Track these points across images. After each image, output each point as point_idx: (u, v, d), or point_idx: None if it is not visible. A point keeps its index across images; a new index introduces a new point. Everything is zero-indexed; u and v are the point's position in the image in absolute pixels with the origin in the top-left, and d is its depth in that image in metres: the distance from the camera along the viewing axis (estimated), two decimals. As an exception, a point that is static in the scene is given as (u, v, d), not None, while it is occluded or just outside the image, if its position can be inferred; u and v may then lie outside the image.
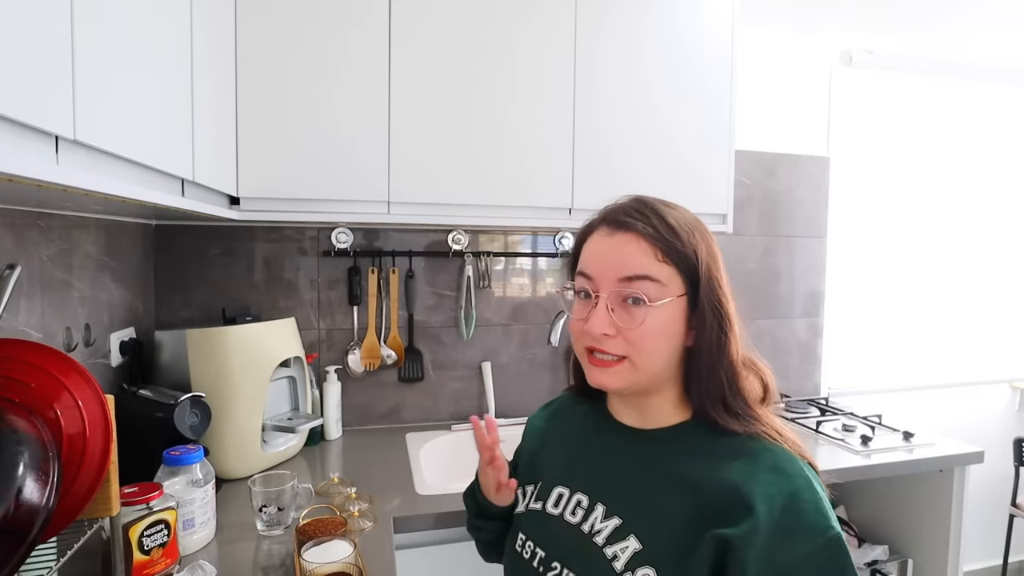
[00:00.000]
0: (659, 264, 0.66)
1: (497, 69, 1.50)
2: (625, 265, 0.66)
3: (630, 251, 0.67)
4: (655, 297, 0.65)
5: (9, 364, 0.75)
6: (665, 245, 0.66)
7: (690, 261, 0.67)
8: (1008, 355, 2.54)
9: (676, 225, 0.68)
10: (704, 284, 0.66)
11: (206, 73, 1.12)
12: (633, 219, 0.68)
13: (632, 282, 0.66)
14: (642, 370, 0.67)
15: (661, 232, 0.67)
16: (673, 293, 0.66)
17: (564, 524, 0.71)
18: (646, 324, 0.65)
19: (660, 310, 0.65)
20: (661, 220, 0.68)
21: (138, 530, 0.92)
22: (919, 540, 1.71)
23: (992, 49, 2.36)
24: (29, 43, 0.54)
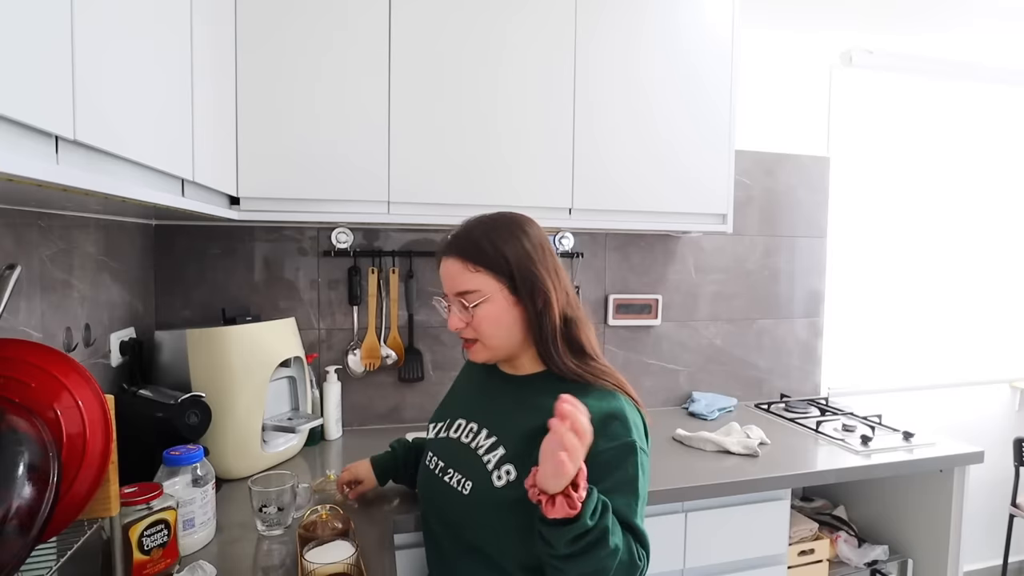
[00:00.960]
0: (471, 275, 0.93)
1: (497, 69, 1.50)
2: (452, 282, 0.96)
3: (452, 271, 0.96)
4: (473, 300, 0.93)
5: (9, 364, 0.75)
6: (474, 259, 0.93)
7: (499, 263, 0.93)
8: (1008, 355, 2.54)
9: (480, 239, 0.94)
10: (517, 275, 0.92)
11: (206, 73, 1.12)
12: (450, 245, 0.96)
13: (457, 295, 0.95)
14: (491, 346, 0.96)
15: (468, 250, 0.94)
16: (490, 291, 0.93)
17: (458, 443, 0.99)
18: (477, 317, 0.94)
19: (483, 306, 0.93)
20: (468, 240, 0.95)
21: (138, 530, 0.92)
22: (919, 540, 1.71)
23: (992, 49, 2.37)
24: (29, 43, 0.54)
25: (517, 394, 0.98)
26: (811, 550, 1.64)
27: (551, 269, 0.95)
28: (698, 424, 1.84)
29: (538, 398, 0.92)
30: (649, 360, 2.04)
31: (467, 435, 0.99)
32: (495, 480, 0.91)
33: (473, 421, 1.01)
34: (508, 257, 0.93)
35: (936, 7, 2.22)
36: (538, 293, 0.92)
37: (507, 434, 0.94)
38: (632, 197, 1.63)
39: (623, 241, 1.98)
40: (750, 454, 1.56)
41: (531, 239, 0.96)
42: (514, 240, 0.94)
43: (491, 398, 1.03)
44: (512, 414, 0.95)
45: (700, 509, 1.41)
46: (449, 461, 1.00)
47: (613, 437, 0.86)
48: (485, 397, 1.04)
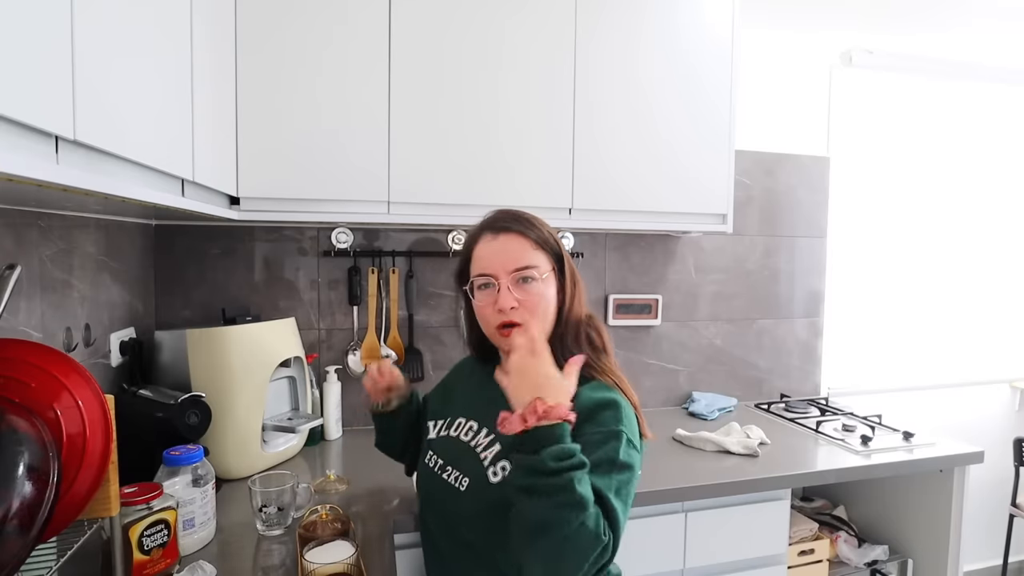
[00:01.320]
0: (535, 252, 0.96)
1: (497, 69, 1.50)
2: (511, 257, 0.95)
3: (513, 246, 0.95)
4: (534, 275, 0.94)
5: (9, 364, 0.75)
6: (536, 239, 0.96)
7: (551, 247, 0.97)
8: (1008, 355, 2.54)
9: (537, 224, 0.98)
10: (565, 260, 0.98)
11: (206, 73, 1.12)
12: (508, 224, 0.97)
13: (521, 269, 0.94)
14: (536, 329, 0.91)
15: (529, 230, 0.96)
16: (547, 270, 0.96)
17: (458, 441, 1.00)
18: (533, 295, 0.94)
19: (543, 282, 0.95)
20: (527, 222, 0.98)
21: (138, 530, 0.92)
22: (919, 540, 1.71)
23: (992, 49, 2.37)
24: (29, 43, 0.54)
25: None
26: (811, 550, 1.64)
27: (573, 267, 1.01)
28: (698, 424, 1.84)
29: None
30: (649, 360, 2.04)
31: (466, 433, 1.00)
32: (491, 476, 0.91)
33: (473, 419, 1.01)
34: (556, 246, 0.98)
35: (936, 7, 2.22)
36: (570, 285, 0.97)
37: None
38: (632, 197, 1.63)
39: (623, 241, 1.98)
40: (750, 454, 1.56)
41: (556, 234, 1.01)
42: (551, 230, 1.00)
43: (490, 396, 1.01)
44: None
45: (700, 509, 1.41)
46: (448, 459, 1.00)
47: (601, 423, 0.86)
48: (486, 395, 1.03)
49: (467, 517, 0.94)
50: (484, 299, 0.96)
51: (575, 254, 1.91)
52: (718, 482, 1.40)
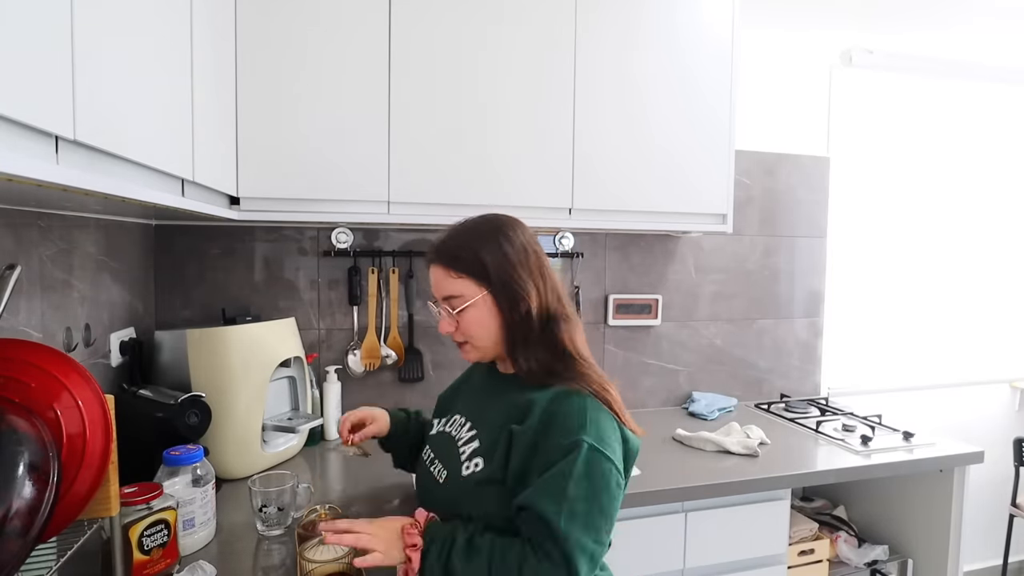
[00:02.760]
0: (453, 281, 0.95)
1: (497, 70, 1.50)
2: (437, 289, 0.98)
3: (436, 279, 0.98)
4: (456, 306, 0.95)
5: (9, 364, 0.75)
6: (453, 265, 0.95)
7: (479, 269, 0.94)
8: (1008, 355, 2.54)
9: (461, 247, 0.96)
10: (496, 282, 0.93)
11: (206, 73, 1.12)
12: (432, 254, 0.98)
13: (444, 300, 0.97)
14: (480, 347, 0.98)
15: (447, 258, 0.96)
16: (471, 296, 0.94)
17: (447, 436, 1.02)
18: (463, 322, 0.96)
19: (467, 310, 0.95)
20: (449, 247, 0.96)
21: (138, 530, 0.92)
22: (919, 540, 1.71)
23: (992, 48, 2.37)
24: (29, 43, 0.54)
25: (497, 389, 1.01)
26: (811, 550, 1.64)
27: (534, 270, 0.96)
28: (698, 424, 1.84)
29: (509, 394, 0.95)
30: (649, 360, 2.04)
31: (456, 428, 1.02)
32: (463, 470, 0.93)
33: (464, 415, 1.04)
34: (487, 264, 0.94)
35: (936, 6, 2.22)
36: (519, 299, 0.93)
37: (483, 427, 0.96)
38: (632, 197, 1.63)
39: (623, 241, 1.98)
40: (750, 454, 1.56)
41: (513, 243, 0.96)
42: (494, 246, 0.95)
43: (480, 394, 1.06)
44: (490, 409, 0.98)
45: (700, 509, 1.41)
46: (437, 453, 1.03)
47: (559, 434, 0.84)
48: (479, 393, 1.07)
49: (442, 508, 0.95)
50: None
51: (575, 254, 1.91)
52: (718, 482, 1.40)
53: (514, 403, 0.92)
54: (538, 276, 0.96)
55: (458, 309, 0.95)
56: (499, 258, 0.94)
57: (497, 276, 0.94)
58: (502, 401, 0.96)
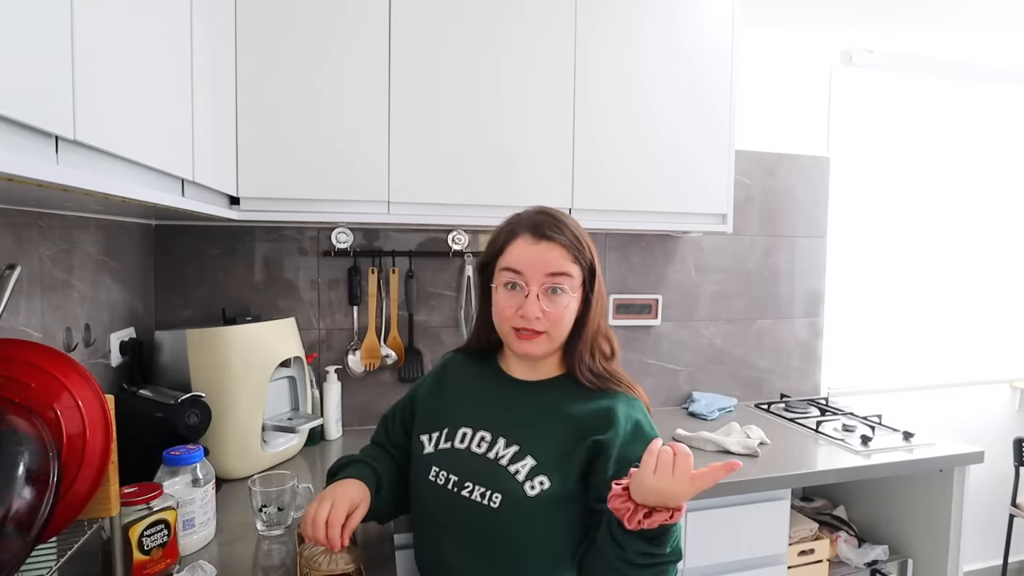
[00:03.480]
0: (571, 264, 0.93)
1: (498, 69, 1.50)
2: (550, 265, 0.92)
3: (553, 255, 0.93)
4: (571, 288, 0.93)
5: (9, 364, 0.75)
6: (575, 251, 0.94)
7: (587, 262, 0.95)
8: (1008, 355, 2.54)
9: (579, 235, 0.95)
10: (596, 278, 0.96)
11: (206, 73, 1.12)
12: (552, 232, 0.93)
13: (555, 277, 0.92)
14: (556, 340, 0.95)
15: (572, 242, 0.94)
16: (576, 287, 0.94)
17: (472, 454, 0.94)
18: (559, 306, 0.93)
19: (565, 297, 0.93)
20: (571, 232, 0.95)
21: (138, 530, 0.92)
22: (919, 540, 1.71)
23: (992, 48, 2.36)
24: (29, 43, 0.54)
25: (540, 402, 0.96)
26: (811, 550, 1.64)
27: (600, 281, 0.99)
28: (698, 424, 1.84)
29: (566, 407, 0.95)
30: (649, 360, 2.04)
31: (480, 445, 0.94)
32: (528, 490, 0.88)
33: (483, 430, 0.96)
34: (590, 258, 0.96)
35: (936, 6, 2.22)
36: (598, 298, 0.97)
37: (535, 444, 0.92)
38: (632, 197, 1.63)
39: (623, 241, 1.98)
40: (750, 454, 1.56)
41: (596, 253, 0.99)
42: (592, 245, 0.98)
43: (506, 406, 0.98)
44: (538, 424, 0.94)
45: (700, 509, 1.41)
46: (465, 474, 0.93)
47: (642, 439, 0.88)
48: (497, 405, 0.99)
49: (501, 534, 0.90)
50: (508, 299, 0.94)
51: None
52: (718, 482, 1.40)
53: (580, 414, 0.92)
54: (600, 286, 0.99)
55: (562, 289, 0.92)
56: (593, 256, 0.97)
57: (592, 275, 0.96)
58: (551, 414, 0.94)
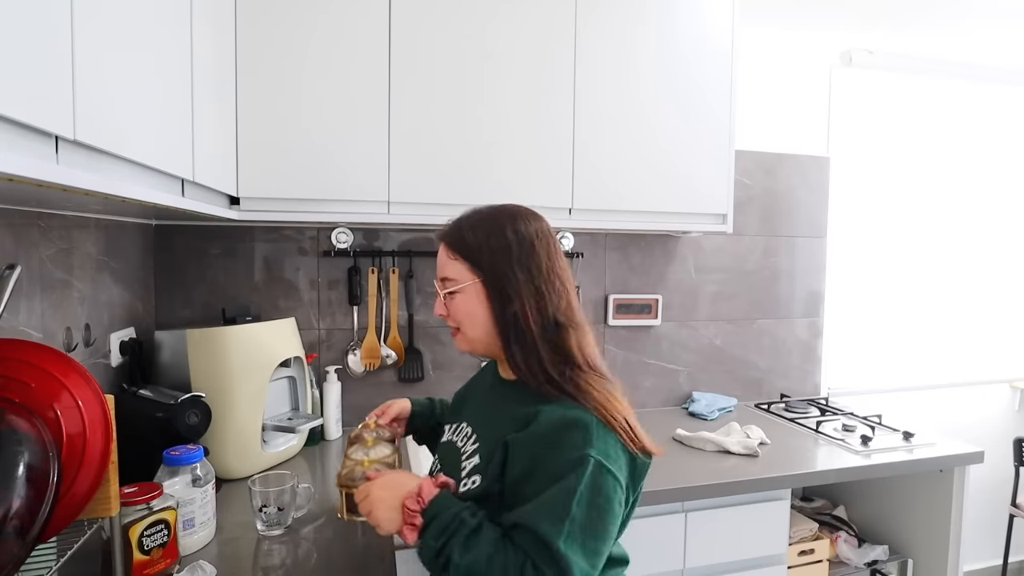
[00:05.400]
0: (451, 262, 0.91)
1: (498, 70, 1.50)
2: (439, 268, 0.94)
3: (440, 256, 0.94)
4: (448, 287, 0.92)
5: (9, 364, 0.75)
6: (453, 246, 0.91)
7: (476, 255, 0.89)
8: (1008, 355, 2.54)
9: (466, 228, 0.91)
10: (488, 271, 0.88)
11: (206, 73, 1.12)
12: (444, 235, 0.94)
13: (442, 282, 0.93)
14: (469, 338, 0.93)
15: (452, 236, 0.92)
16: (463, 281, 0.90)
17: (453, 446, 0.97)
18: (452, 306, 0.92)
19: (459, 295, 0.91)
20: (454, 227, 0.93)
21: (138, 530, 0.92)
22: (919, 540, 1.71)
23: (992, 49, 2.36)
24: (29, 43, 0.54)
25: (499, 400, 0.95)
26: (811, 550, 1.64)
27: (537, 270, 0.88)
28: (698, 424, 1.84)
29: (512, 408, 0.88)
30: (649, 360, 2.04)
31: (461, 439, 0.97)
32: (461, 486, 0.88)
33: (470, 424, 0.98)
34: (483, 251, 0.89)
35: (936, 6, 2.22)
36: (509, 296, 0.87)
37: (485, 441, 0.90)
38: (632, 197, 1.63)
39: (623, 241, 1.98)
40: (750, 454, 1.56)
41: (519, 234, 0.89)
42: (496, 234, 0.89)
43: (485, 403, 1.01)
44: (493, 420, 0.92)
45: (700, 509, 1.41)
46: (444, 462, 0.98)
47: (564, 449, 0.78)
48: (484, 402, 1.01)
49: None
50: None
51: (575, 254, 1.91)
52: (718, 482, 1.40)
53: (516, 415, 0.85)
54: (541, 277, 0.88)
55: (446, 291, 0.92)
56: (498, 249, 0.88)
57: (490, 266, 0.88)
58: (501, 413, 0.90)
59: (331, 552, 1.07)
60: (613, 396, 0.85)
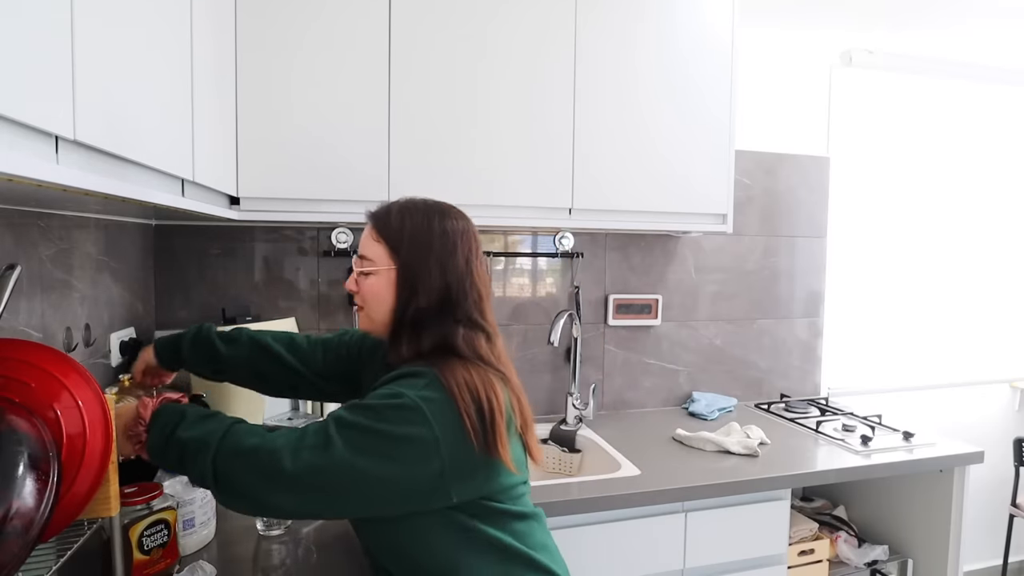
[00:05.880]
0: (373, 243, 0.91)
1: (498, 70, 1.50)
2: (360, 244, 0.93)
3: (364, 235, 0.93)
4: (364, 267, 0.91)
5: (9, 364, 0.75)
6: (379, 227, 0.91)
7: (397, 241, 0.89)
8: (1008, 355, 2.54)
9: (394, 212, 0.92)
10: (404, 259, 0.89)
11: (206, 73, 1.12)
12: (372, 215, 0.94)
13: (360, 260, 0.92)
14: (372, 319, 0.93)
15: (379, 218, 0.92)
16: (381, 265, 0.90)
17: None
18: (364, 286, 0.92)
19: (372, 277, 0.91)
20: (385, 209, 0.93)
21: (138, 530, 0.92)
22: (919, 540, 1.71)
23: (992, 49, 2.37)
24: (29, 43, 0.54)
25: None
26: (811, 550, 1.64)
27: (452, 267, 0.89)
28: (698, 424, 1.84)
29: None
30: (649, 360, 2.04)
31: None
32: None
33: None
34: (404, 239, 0.89)
35: (936, 6, 2.22)
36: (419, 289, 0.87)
37: None
38: (632, 197, 1.63)
39: (623, 241, 1.98)
40: (750, 454, 1.56)
41: (444, 231, 0.90)
42: (422, 226, 0.90)
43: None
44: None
45: (700, 509, 1.41)
46: None
47: (395, 386, 0.81)
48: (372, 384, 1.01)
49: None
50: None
51: (575, 254, 1.91)
52: (718, 482, 1.40)
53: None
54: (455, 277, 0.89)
55: (361, 270, 0.92)
56: (420, 241, 0.89)
57: (408, 256, 0.89)
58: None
59: (331, 552, 1.07)
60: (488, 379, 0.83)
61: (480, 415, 0.80)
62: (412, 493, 0.78)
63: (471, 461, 0.80)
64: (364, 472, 0.75)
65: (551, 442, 1.73)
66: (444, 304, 0.88)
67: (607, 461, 1.56)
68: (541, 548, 0.90)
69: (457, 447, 0.78)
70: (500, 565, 0.85)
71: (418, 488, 0.78)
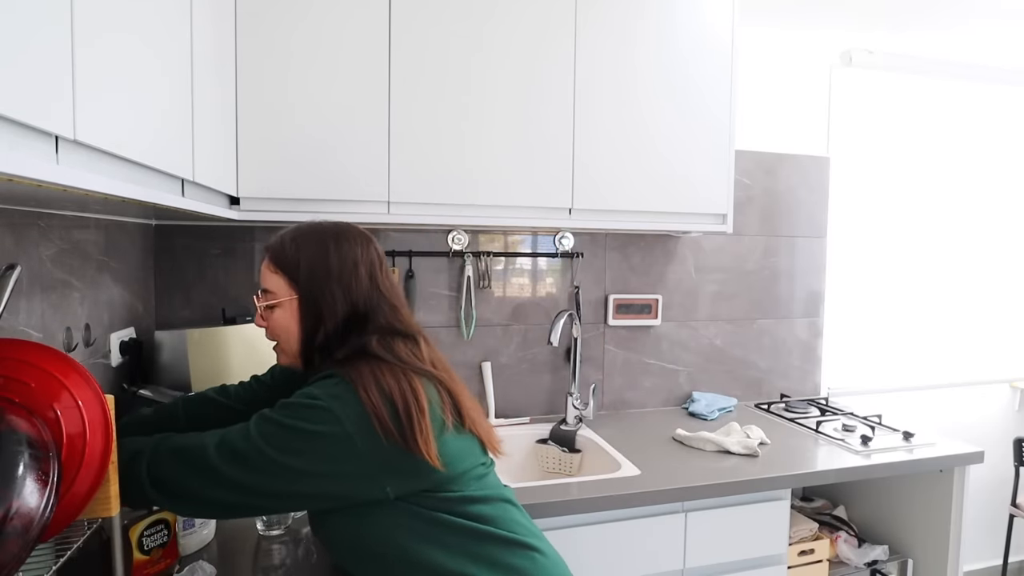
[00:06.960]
0: (271, 275, 0.91)
1: (498, 70, 1.50)
2: (260, 278, 0.93)
3: (262, 268, 0.93)
4: (268, 300, 0.91)
5: (9, 364, 0.75)
6: (275, 258, 0.91)
7: (294, 270, 0.89)
8: (1008, 355, 2.54)
9: (288, 241, 0.91)
10: (304, 287, 0.89)
11: (206, 73, 1.12)
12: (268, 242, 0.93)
13: (260, 292, 0.92)
14: (287, 352, 0.93)
15: (275, 249, 0.91)
16: (282, 296, 0.90)
17: None
18: (271, 320, 0.91)
19: (278, 309, 0.90)
20: (279, 239, 0.92)
21: (138, 530, 0.92)
22: (919, 540, 1.71)
23: (992, 49, 2.36)
24: (29, 43, 0.54)
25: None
26: (811, 550, 1.64)
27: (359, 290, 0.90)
28: (698, 424, 1.84)
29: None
30: (649, 360, 2.04)
31: None
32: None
33: None
34: (301, 267, 0.89)
35: (936, 7, 2.22)
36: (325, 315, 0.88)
37: None
38: (632, 197, 1.63)
39: (623, 241, 1.98)
40: (750, 454, 1.56)
41: (341, 255, 0.90)
42: (318, 252, 0.90)
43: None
44: None
45: (700, 509, 1.41)
46: None
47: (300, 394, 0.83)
48: None
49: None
50: None
51: (575, 254, 1.91)
52: (718, 482, 1.40)
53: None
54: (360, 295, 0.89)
55: (263, 304, 0.91)
56: (316, 266, 0.89)
57: (307, 284, 0.89)
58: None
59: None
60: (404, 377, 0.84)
61: (394, 412, 0.80)
62: (341, 487, 0.80)
63: (395, 456, 0.80)
64: (284, 466, 0.77)
65: (551, 442, 1.73)
66: (354, 324, 0.89)
67: (607, 461, 1.56)
68: (516, 525, 0.90)
69: (375, 442, 0.79)
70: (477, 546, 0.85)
71: (346, 482, 0.79)
